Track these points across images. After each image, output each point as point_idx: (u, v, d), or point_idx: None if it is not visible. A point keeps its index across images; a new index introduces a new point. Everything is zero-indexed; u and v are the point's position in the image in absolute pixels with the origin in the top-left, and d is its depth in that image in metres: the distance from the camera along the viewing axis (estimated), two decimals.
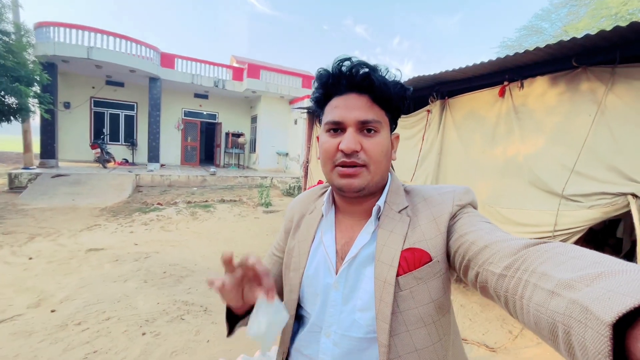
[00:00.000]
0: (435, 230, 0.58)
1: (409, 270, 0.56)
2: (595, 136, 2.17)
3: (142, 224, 5.56)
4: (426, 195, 0.63)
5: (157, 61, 10.98)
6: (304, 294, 0.66)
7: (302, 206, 0.76)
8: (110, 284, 3.17)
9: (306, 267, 0.67)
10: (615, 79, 2.12)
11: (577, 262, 0.33)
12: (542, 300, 0.33)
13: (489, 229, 0.51)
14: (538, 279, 0.35)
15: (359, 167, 0.58)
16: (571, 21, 11.32)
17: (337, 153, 0.59)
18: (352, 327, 0.59)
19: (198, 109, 13.92)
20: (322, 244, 0.66)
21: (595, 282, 0.29)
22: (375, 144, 0.58)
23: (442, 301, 0.57)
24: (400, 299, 0.56)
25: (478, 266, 0.46)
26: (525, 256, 0.39)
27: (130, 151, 12.44)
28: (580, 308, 0.28)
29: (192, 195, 8.30)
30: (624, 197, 1.97)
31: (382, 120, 0.60)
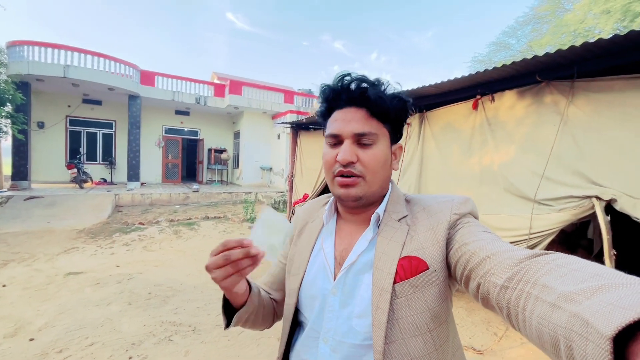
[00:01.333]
0: (432, 239, 0.58)
1: (405, 278, 0.56)
2: (561, 144, 2.35)
3: (124, 244, 5.40)
4: (425, 205, 0.64)
5: (137, 79, 10.88)
6: (302, 298, 0.67)
7: (307, 215, 0.79)
8: (92, 308, 3.06)
9: (306, 272, 0.68)
10: (575, 92, 2.32)
11: (578, 274, 0.34)
12: (544, 313, 0.33)
13: (490, 239, 0.51)
14: (540, 291, 0.35)
15: (356, 177, 0.60)
16: (535, 37, 12.12)
17: (335, 164, 0.61)
18: (349, 334, 0.60)
19: (179, 126, 13.77)
20: (322, 250, 0.68)
21: (595, 295, 0.29)
22: (371, 156, 0.60)
23: (438, 310, 0.57)
24: (396, 307, 0.56)
25: (480, 277, 0.46)
26: (527, 267, 0.40)
27: (108, 170, 12.09)
28: (581, 321, 0.28)
29: (174, 213, 8.13)
30: (589, 200, 2.13)
31: (379, 133, 0.62)
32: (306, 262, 0.69)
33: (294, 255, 0.73)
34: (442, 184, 3.32)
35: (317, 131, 6.04)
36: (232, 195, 10.61)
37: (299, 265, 0.70)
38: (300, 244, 0.74)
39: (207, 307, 3.20)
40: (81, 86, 9.92)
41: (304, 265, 0.69)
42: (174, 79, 11.93)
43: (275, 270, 0.81)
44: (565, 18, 10.00)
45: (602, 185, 2.11)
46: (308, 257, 0.69)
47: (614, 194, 2.03)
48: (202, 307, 3.19)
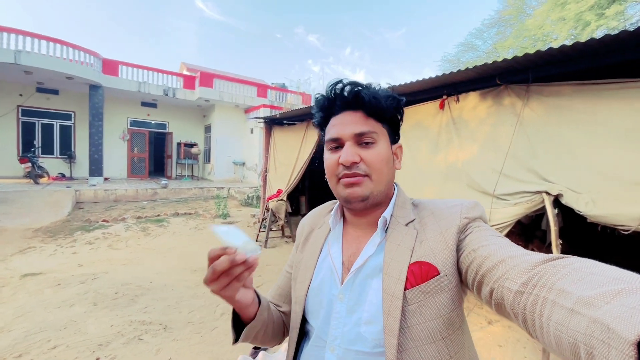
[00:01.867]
0: (442, 244, 0.57)
1: (416, 284, 0.55)
2: (516, 143, 2.55)
3: (86, 243, 5.14)
4: (434, 209, 0.63)
5: (99, 68, 10.25)
6: (309, 306, 0.66)
7: (312, 221, 0.77)
8: (53, 310, 2.91)
9: (312, 279, 0.67)
10: (529, 95, 2.52)
11: (596, 278, 0.33)
12: (562, 318, 0.32)
13: (503, 244, 0.50)
14: (557, 296, 0.34)
15: (361, 177, 0.59)
16: (500, 40, 12.78)
17: (338, 167, 0.61)
18: (357, 341, 0.58)
19: (146, 119, 13.17)
20: (329, 256, 0.67)
21: (615, 299, 0.28)
22: (374, 154, 0.60)
23: (451, 317, 0.56)
24: (408, 314, 0.55)
25: (493, 282, 0.45)
26: (543, 272, 0.39)
27: (67, 165, 11.34)
28: (601, 327, 0.27)
29: (142, 210, 7.82)
30: (540, 195, 2.34)
31: (379, 131, 0.62)
32: (313, 268, 0.68)
33: (300, 263, 0.72)
34: (410, 180, 3.47)
35: (290, 126, 6.04)
36: (203, 191, 10.36)
37: (305, 272, 0.69)
38: (306, 250, 0.73)
39: (179, 305, 3.15)
40: (35, 74, 9.19)
41: (311, 272, 0.68)
42: (139, 68, 11.36)
43: (282, 281, 0.79)
44: (526, 23, 10.63)
45: (551, 181, 2.33)
46: (315, 263, 0.68)
47: (561, 189, 2.24)
48: (173, 305, 3.14)
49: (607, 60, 2.15)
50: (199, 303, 3.20)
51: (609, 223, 2.06)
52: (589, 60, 2.21)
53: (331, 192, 0.72)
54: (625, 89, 2.06)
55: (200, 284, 3.68)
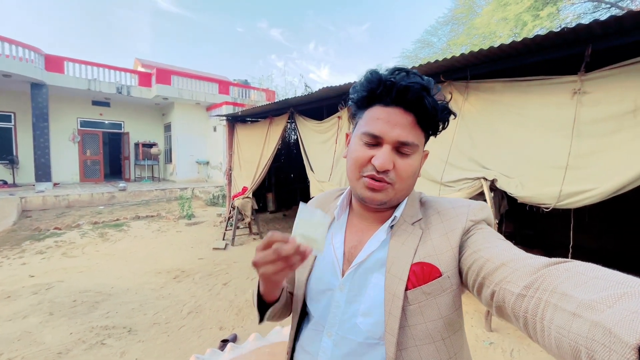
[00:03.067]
0: (446, 245, 0.57)
1: (417, 285, 0.55)
2: (459, 135, 2.81)
3: (37, 252, 4.82)
4: (440, 209, 0.62)
5: (41, 64, 9.46)
6: (310, 292, 0.67)
7: (319, 207, 0.76)
8: (3, 323, 2.75)
9: (314, 266, 0.67)
10: (469, 91, 2.79)
11: (598, 282, 0.33)
12: (564, 322, 0.32)
13: (505, 247, 0.50)
14: (559, 300, 0.34)
15: (386, 184, 0.57)
16: (453, 37, 13.53)
17: (367, 165, 0.58)
18: (353, 331, 0.59)
19: (98, 118, 12.36)
20: (331, 246, 0.67)
21: (618, 303, 0.28)
22: (407, 166, 0.57)
23: (452, 318, 0.56)
24: (409, 313, 0.55)
25: (494, 284, 0.45)
26: (545, 275, 0.38)
27: (9, 170, 10.38)
28: (603, 331, 0.27)
29: (98, 215, 7.41)
30: (479, 181, 2.61)
31: (420, 143, 0.59)
32: (314, 256, 0.68)
33: None
34: None
35: (254, 123, 6.04)
36: (165, 193, 10.00)
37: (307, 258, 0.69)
38: None
39: (143, 307, 3.10)
40: None
41: (312, 259, 0.68)
42: (88, 65, 10.63)
43: None
44: (475, 21, 11.35)
45: (488, 168, 2.61)
46: None
47: (495, 175, 2.52)
48: (137, 308, 3.09)
49: (531, 59, 2.44)
50: (164, 304, 3.18)
51: (534, 202, 2.36)
52: (515, 60, 2.50)
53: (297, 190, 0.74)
54: (545, 85, 2.37)
55: (165, 285, 3.64)
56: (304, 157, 4.58)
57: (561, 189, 2.19)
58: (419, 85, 0.54)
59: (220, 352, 2.13)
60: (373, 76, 0.58)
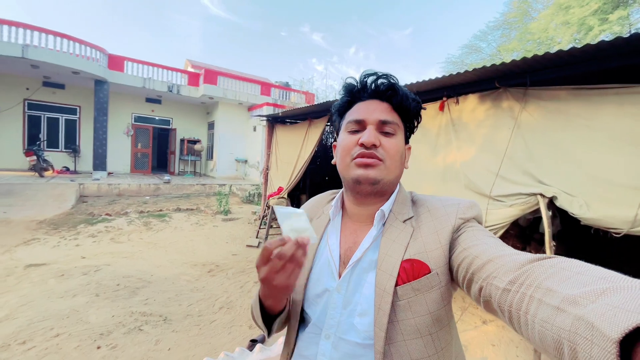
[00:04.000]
0: (436, 242, 0.58)
1: (407, 281, 0.57)
2: (513, 146, 2.58)
3: (89, 236, 5.22)
4: (431, 207, 0.64)
5: (104, 63, 10.35)
6: (307, 295, 0.67)
7: (312, 211, 0.78)
8: (56, 300, 2.98)
9: (311, 269, 0.68)
10: (527, 99, 2.55)
11: (582, 278, 0.33)
12: (548, 316, 0.33)
13: (493, 244, 0.52)
14: (543, 295, 0.35)
15: (377, 160, 0.61)
16: (504, 42, 12.78)
17: (355, 147, 0.62)
18: (350, 331, 0.60)
19: (150, 114, 13.27)
20: (327, 247, 0.68)
21: (600, 298, 0.29)
22: (392, 144, 0.62)
23: (440, 314, 0.58)
24: (398, 309, 0.57)
25: (482, 280, 0.46)
26: (530, 271, 0.39)
27: (72, 158, 11.46)
28: (586, 324, 0.28)
29: (144, 205, 7.90)
30: (535, 197, 2.37)
31: (400, 125, 0.65)
32: (312, 258, 0.69)
33: None
34: (409, 181, 3.52)
35: (293, 125, 6.09)
36: (205, 187, 10.43)
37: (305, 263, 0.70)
38: None
39: (179, 297, 3.21)
40: (41, 68, 9.29)
41: (310, 262, 0.69)
42: (144, 64, 11.45)
43: None
44: (531, 26, 10.61)
45: (546, 183, 2.36)
46: (314, 254, 0.69)
47: (555, 191, 2.28)
48: (174, 297, 3.20)
49: (604, 65, 2.18)
50: (198, 296, 3.27)
51: (602, 226, 2.09)
52: (585, 65, 2.24)
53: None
54: (620, 95, 2.09)
55: (199, 278, 3.75)
56: None
57: (637, 212, 1.91)
58: (387, 80, 0.64)
59: (249, 352, 2.12)
60: (350, 82, 0.68)
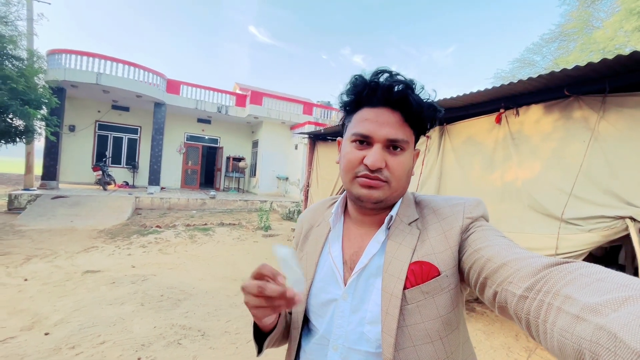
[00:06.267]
0: (444, 244, 0.56)
1: (416, 284, 0.54)
2: (591, 161, 2.24)
3: (140, 246, 5.50)
4: (436, 207, 0.62)
5: (163, 87, 11.33)
6: (311, 306, 0.65)
7: (311, 218, 0.76)
8: (106, 307, 3.10)
9: (314, 278, 0.66)
10: (606, 107, 2.22)
11: (602, 285, 0.32)
12: (567, 325, 0.31)
13: (506, 245, 0.49)
14: (562, 302, 0.34)
15: (381, 182, 0.58)
16: (561, 55, 11.86)
17: (360, 165, 0.58)
18: (361, 341, 0.57)
19: (200, 134, 14.17)
20: (329, 256, 0.65)
21: (622, 307, 0.28)
22: (400, 163, 0.58)
23: (450, 317, 0.55)
24: (406, 313, 0.54)
25: (496, 285, 0.44)
26: (548, 277, 0.38)
27: (131, 174, 12.51)
28: (608, 335, 0.27)
29: (191, 218, 8.26)
30: (622, 221, 2.00)
31: (410, 140, 0.60)
32: (314, 267, 0.66)
33: (300, 261, 0.70)
34: None
35: (334, 142, 6.06)
36: (247, 203, 10.71)
37: (306, 272, 0.67)
38: (306, 249, 0.71)
39: (217, 312, 3.18)
40: (111, 93, 10.41)
41: (312, 272, 0.66)
42: (197, 88, 12.34)
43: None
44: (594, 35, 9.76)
45: (636, 205, 1.98)
46: (316, 263, 0.67)
47: None
48: (212, 312, 3.18)
49: None
50: (236, 313, 3.21)
51: None
52: None
53: None
54: None
55: (239, 293, 3.71)
56: None
57: None
58: (402, 84, 0.57)
59: None
60: (358, 80, 0.60)
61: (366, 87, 0.58)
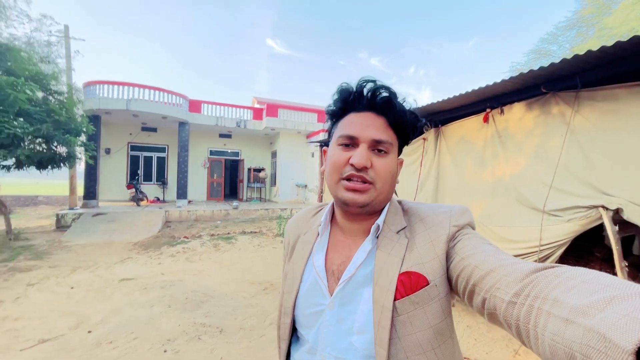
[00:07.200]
0: (432, 253, 0.56)
1: (406, 295, 0.54)
2: (568, 154, 2.34)
3: (170, 256, 5.99)
4: (423, 215, 0.62)
5: (186, 107, 12.11)
6: (298, 317, 0.65)
7: (297, 228, 0.76)
8: (138, 309, 3.51)
9: (299, 289, 0.66)
10: (580, 101, 2.32)
11: (587, 286, 0.33)
12: (557, 328, 0.32)
13: (492, 252, 0.50)
14: (551, 306, 0.34)
15: (367, 184, 0.58)
16: (581, 42, 11.42)
17: (346, 166, 0.59)
18: (349, 351, 0.57)
19: (222, 148, 14.90)
20: (312, 265, 0.66)
21: (608, 307, 0.29)
22: (385, 164, 0.59)
23: (441, 327, 0.55)
24: (398, 325, 0.54)
25: (484, 292, 0.45)
26: (535, 282, 0.38)
27: (161, 189, 13.38)
28: (597, 336, 0.27)
29: (215, 229, 8.76)
30: (597, 210, 2.09)
31: (394, 143, 0.61)
32: (299, 278, 0.66)
33: (288, 272, 0.71)
34: (457, 197, 3.35)
35: None
36: (268, 212, 11.12)
37: (292, 282, 0.67)
38: (293, 259, 0.71)
39: (235, 311, 3.49)
40: (140, 116, 11.30)
41: (298, 282, 0.66)
42: (217, 105, 13.07)
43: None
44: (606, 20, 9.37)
45: (609, 194, 2.07)
46: (301, 273, 0.67)
47: (621, 202, 1.99)
48: (230, 312, 3.49)
49: None
50: (251, 312, 3.50)
51: None
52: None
53: None
54: None
55: (255, 295, 4.02)
56: None
57: None
58: (386, 90, 0.59)
59: None
60: (344, 88, 0.62)
61: (352, 94, 0.61)
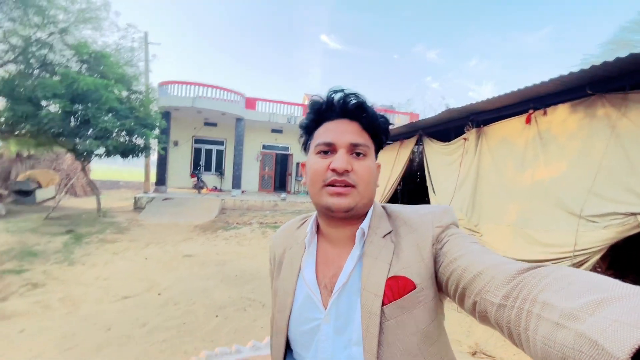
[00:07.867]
0: (417, 256, 0.56)
1: (393, 299, 0.54)
2: (611, 158, 2.26)
3: (224, 239, 6.70)
4: (406, 219, 0.62)
5: (242, 104, 13.03)
6: (293, 335, 0.63)
7: (282, 242, 0.74)
8: (197, 280, 4.10)
9: (292, 306, 0.63)
10: (628, 104, 2.23)
11: (575, 288, 0.33)
12: (549, 333, 0.32)
13: (479, 252, 0.50)
14: (541, 309, 0.34)
15: (350, 187, 0.57)
16: None
17: (327, 172, 0.58)
18: None
19: (274, 142, 15.72)
20: (302, 279, 0.64)
21: (597, 310, 0.28)
22: (365, 167, 0.59)
23: (429, 330, 0.55)
24: (386, 330, 0.54)
25: (475, 295, 0.45)
26: (523, 283, 0.38)
27: (219, 179, 14.64)
28: (589, 343, 0.27)
29: (264, 217, 9.43)
30: (635, 217, 2.02)
31: (370, 146, 0.61)
32: (292, 294, 0.64)
33: (278, 290, 0.68)
34: (495, 198, 3.33)
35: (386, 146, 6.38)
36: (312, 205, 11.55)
37: (283, 300, 0.65)
38: (282, 275, 0.68)
39: None
40: (203, 112, 12.47)
41: (290, 299, 0.64)
42: (270, 102, 13.82)
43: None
44: None
45: None
46: (293, 289, 0.64)
47: None
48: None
49: None
50: None
51: None
52: None
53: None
54: None
55: None
56: (427, 178, 4.54)
57: None
58: (355, 97, 0.61)
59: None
60: (316, 100, 0.64)
61: (324, 104, 0.62)
